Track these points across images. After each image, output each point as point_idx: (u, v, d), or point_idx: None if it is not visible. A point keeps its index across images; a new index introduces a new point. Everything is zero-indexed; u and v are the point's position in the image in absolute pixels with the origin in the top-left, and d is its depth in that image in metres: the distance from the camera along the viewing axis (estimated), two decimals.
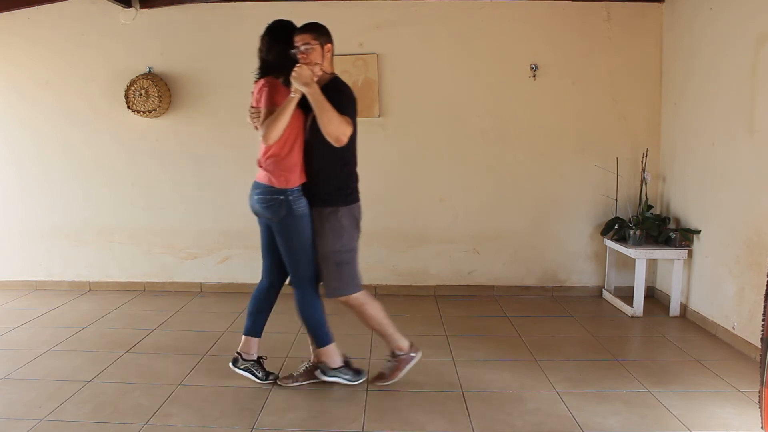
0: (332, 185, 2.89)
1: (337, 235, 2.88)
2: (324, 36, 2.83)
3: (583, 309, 4.50)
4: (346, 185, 2.92)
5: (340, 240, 2.89)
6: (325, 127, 2.71)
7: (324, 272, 2.93)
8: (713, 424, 2.69)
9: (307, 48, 2.77)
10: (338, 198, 2.89)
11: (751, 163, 3.48)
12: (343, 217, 2.89)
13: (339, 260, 2.90)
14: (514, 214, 4.81)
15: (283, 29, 2.89)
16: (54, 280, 5.07)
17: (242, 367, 3.08)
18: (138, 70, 4.75)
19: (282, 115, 2.71)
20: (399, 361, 3.07)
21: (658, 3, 4.56)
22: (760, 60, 3.39)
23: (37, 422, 2.70)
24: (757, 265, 3.38)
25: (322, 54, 2.81)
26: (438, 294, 4.85)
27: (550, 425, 2.69)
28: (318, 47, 2.79)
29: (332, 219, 2.87)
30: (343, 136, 2.73)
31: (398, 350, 3.07)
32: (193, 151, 4.87)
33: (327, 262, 2.90)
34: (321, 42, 2.80)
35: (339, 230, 2.88)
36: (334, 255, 2.89)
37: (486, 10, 4.64)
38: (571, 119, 4.70)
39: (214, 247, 4.96)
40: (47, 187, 4.99)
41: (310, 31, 2.81)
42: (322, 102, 2.70)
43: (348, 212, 2.91)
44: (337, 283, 2.92)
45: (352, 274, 2.96)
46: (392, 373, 3.06)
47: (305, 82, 2.67)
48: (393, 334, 3.07)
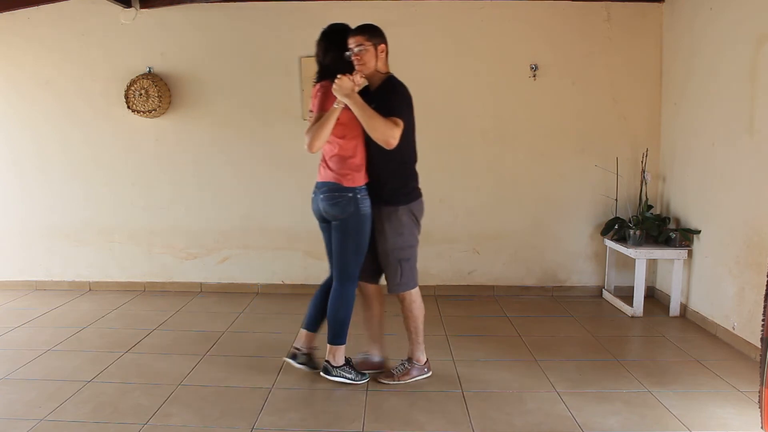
0: (393, 184, 2.97)
1: (398, 233, 2.98)
2: (377, 37, 2.88)
3: (583, 309, 4.50)
4: (405, 184, 3.02)
5: (401, 238, 2.99)
6: (372, 134, 2.79)
7: (387, 269, 3.03)
8: (713, 424, 2.69)
9: (361, 49, 2.83)
10: (399, 197, 2.97)
11: (751, 164, 3.49)
12: (403, 215, 2.97)
13: (400, 257, 3.01)
14: (514, 214, 4.81)
15: (337, 33, 2.93)
16: (54, 280, 5.07)
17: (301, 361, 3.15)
18: (138, 70, 4.75)
19: (325, 124, 2.77)
20: (412, 367, 3.14)
21: (658, 3, 4.56)
22: (760, 60, 3.39)
23: (37, 422, 2.70)
24: (757, 265, 3.38)
25: (376, 54, 2.86)
26: (438, 294, 4.85)
27: (550, 425, 2.69)
28: (371, 48, 2.84)
29: (393, 217, 2.96)
30: (391, 139, 2.76)
31: (416, 360, 3.15)
32: (193, 151, 4.87)
33: (389, 259, 3.00)
34: (374, 43, 2.85)
35: (399, 228, 2.98)
36: (395, 252, 2.99)
37: (486, 10, 4.64)
38: (571, 119, 4.70)
39: (213, 247, 4.96)
40: (47, 187, 4.99)
41: (364, 33, 2.86)
42: (363, 110, 2.76)
43: (407, 210, 2.99)
44: (399, 279, 3.02)
45: (413, 271, 3.07)
46: (401, 376, 3.11)
47: (345, 93, 2.73)
48: (421, 342, 3.15)
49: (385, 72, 2.95)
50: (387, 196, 2.95)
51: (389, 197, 2.96)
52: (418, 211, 3.05)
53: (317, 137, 2.78)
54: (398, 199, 2.97)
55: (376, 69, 2.89)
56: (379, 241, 3.00)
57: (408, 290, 3.06)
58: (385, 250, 3.00)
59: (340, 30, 2.93)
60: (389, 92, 2.89)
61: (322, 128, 2.78)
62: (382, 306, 3.25)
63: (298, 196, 4.78)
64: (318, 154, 2.99)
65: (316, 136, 2.78)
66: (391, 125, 2.77)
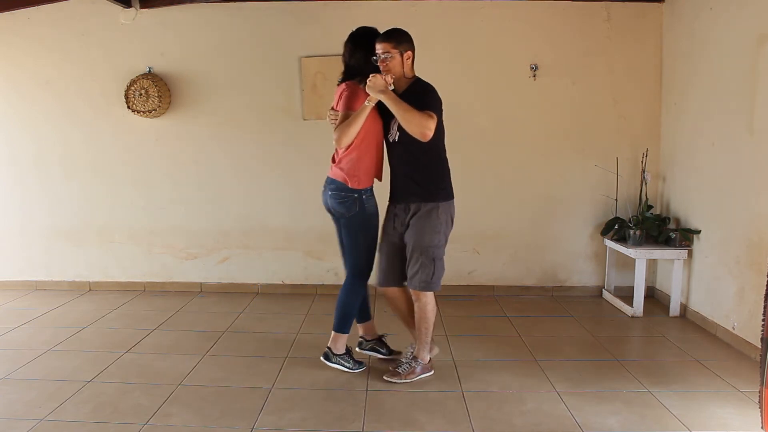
0: (431, 182, 3.04)
1: (435, 231, 3.01)
2: (404, 44, 2.96)
3: (583, 309, 4.50)
4: (442, 181, 3.08)
5: (438, 236, 3.03)
6: (408, 126, 2.85)
7: (417, 266, 3.02)
8: (713, 424, 2.69)
9: (387, 56, 2.92)
10: (437, 195, 3.04)
11: (751, 164, 3.48)
12: (442, 214, 3.03)
13: (435, 255, 3.02)
14: (514, 214, 4.81)
15: (364, 36, 3.04)
16: (54, 280, 5.07)
17: (367, 347, 3.37)
18: (138, 70, 4.75)
19: (356, 121, 2.88)
20: (417, 365, 3.16)
21: (658, 3, 4.56)
22: (760, 60, 3.39)
23: (37, 422, 2.71)
24: (757, 265, 3.38)
25: (402, 62, 2.95)
26: (438, 294, 4.83)
27: (550, 425, 2.69)
28: (397, 55, 2.93)
29: (432, 215, 3.01)
30: (427, 131, 2.82)
31: (421, 359, 3.18)
32: (193, 151, 4.87)
33: (423, 256, 3.00)
34: (401, 50, 2.94)
35: (437, 226, 3.02)
36: (430, 250, 3.01)
37: (486, 10, 4.64)
38: (571, 119, 4.70)
39: (213, 247, 4.96)
40: (47, 187, 4.99)
41: (390, 40, 2.94)
42: (398, 104, 2.85)
43: (446, 208, 3.06)
44: (429, 277, 3.02)
45: (442, 272, 3.09)
46: (406, 375, 3.13)
47: (380, 90, 2.83)
48: (428, 343, 3.19)
49: (411, 76, 3.04)
50: (425, 192, 3.02)
51: (428, 194, 3.02)
52: (453, 210, 3.13)
53: (346, 134, 2.89)
54: (438, 195, 3.04)
55: (403, 75, 2.98)
56: (414, 238, 3.02)
57: (433, 290, 3.09)
58: (421, 247, 3.01)
59: (367, 33, 3.04)
60: (420, 92, 2.96)
61: (353, 125, 2.88)
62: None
63: (298, 196, 4.79)
64: (320, 151, 3.02)
65: (345, 133, 2.89)
66: (426, 117, 2.83)
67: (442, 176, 3.10)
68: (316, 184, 3.26)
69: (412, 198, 3.04)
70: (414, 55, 3.02)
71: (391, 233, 3.14)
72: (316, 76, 4.15)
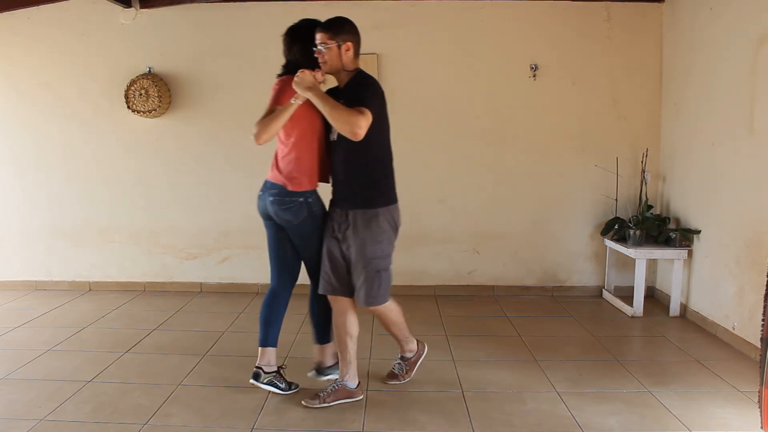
0: (369, 187, 2.76)
1: (377, 240, 2.74)
2: (343, 34, 2.70)
3: (583, 309, 4.50)
4: (382, 186, 2.80)
5: (380, 245, 2.76)
6: (336, 125, 2.64)
7: (361, 280, 2.76)
8: (713, 424, 2.69)
9: (323, 47, 2.70)
10: (376, 201, 2.75)
11: (751, 163, 3.49)
12: (383, 221, 2.75)
13: (379, 267, 2.77)
14: (514, 214, 4.81)
15: (302, 29, 2.84)
16: (54, 280, 5.07)
17: (265, 381, 2.94)
18: (138, 70, 4.75)
19: (277, 118, 2.67)
20: (410, 363, 3.14)
21: (658, 3, 4.56)
22: (760, 60, 3.39)
23: (37, 422, 2.70)
24: (757, 265, 3.38)
25: (340, 54, 2.70)
26: (438, 294, 4.85)
27: (550, 425, 2.69)
28: (334, 47, 2.69)
29: (373, 223, 2.73)
30: (357, 129, 2.55)
31: (409, 352, 3.13)
32: (193, 151, 4.87)
33: (366, 270, 2.74)
34: (338, 41, 2.69)
35: (378, 235, 2.74)
36: (374, 262, 2.74)
37: (486, 10, 4.64)
38: (571, 119, 4.70)
39: (214, 247, 4.96)
40: (47, 187, 4.99)
41: (327, 30, 2.70)
42: (325, 101, 2.62)
43: (388, 214, 2.77)
44: (375, 291, 2.78)
45: (389, 282, 2.84)
46: (405, 373, 3.12)
47: (307, 87, 2.61)
48: (407, 337, 3.11)
49: (354, 69, 2.77)
50: (363, 198, 2.75)
51: (366, 200, 2.74)
52: (397, 216, 2.83)
53: (266, 130, 2.66)
54: (377, 201, 2.75)
55: (342, 67, 2.73)
56: (356, 251, 2.75)
57: (380, 304, 2.83)
58: (362, 260, 2.73)
59: (304, 26, 2.83)
60: (358, 85, 2.72)
61: (274, 122, 2.66)
62: None
63: None
64: None
65: (265, 129, 2.66)
66: (356, 114, 2.56)
67: (383, 180, 2.80)
68: None
69: (349, 204, 2.76)
70: (357, 46, 2.75)
71: (330, 239, 2.83)
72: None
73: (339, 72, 2.76)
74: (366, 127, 2.57)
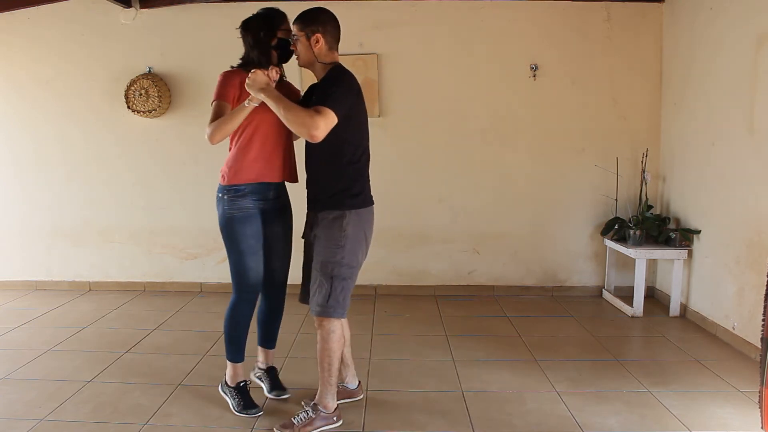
0: (335, 186, 2.55)
1: (337, 244, 2.52)
2: (312, 26, 2.53)
3: (583, 309, 4.50)
4: (351, 186, 2.56)
5: (339, 250, 2.52)
6: (292, 128, 2.45)
7: (315, 286, 2.56)
8: (713, 424, 2.69)
9: (293, 39, 2.59)
10: (344, 202, 2.54)
11: (751, 163, 3.49)
12: (348, 225, 2.52)
13: (333, 273, 2.52)
14: (514, 214, 4.80)
15: (253, 18, 2.78)
16: (54, 280, 5.07)
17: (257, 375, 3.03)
18: (138, 70, 4.75)
19: (230, 120, 2.54)
20: (317, 416, 2.61)
21: (658, 3, 4.56)
22: (760, 60, 3.39)
23: (37, 422, 2.70)
24: (757, 265, 3.38)
25: (309, 45, 2.54)
26: (438, 294, 4.85)
27: (550, 425, 2.69)
28: (303, 38, 2.54)
29: (335, 224, 2.53)
30: (314, 130, 2.35)
31: (323, 407, 2.62)
32: (193, 151, 4.87)
33: (321, 273, 2.54)
34: (307, 33, 2.53)
35: (339, 239, 2.52)
36: (329, 266, 2.52)
37: (486, 10, 4.64)
38: (571, 119, 4.70)
39: (214, 247, 4.96)
40: (47, 187, 4.99)
41: (296, 21, 2.58)
42: (279, 102, 2.45)
43: (356, 219, 2.54)
44: (324, 300, 2.52)
45: (346, 297, 2.56)
46: (303, 427, 2.57)
47: (260, 88, 2.47)
48: (333, 385, 2.63)
49: (330, 62, 2.58)
50: (328, 199, 2.56)
51: (331, 200, 2.55)
52: (367, 222, 2.60)
53: (219, 132, 2.56)
54: (342, 202, 2.53)
55: (315, 59, 2.56)
56: (315, 252, 2.58)
57: (331, 317, 2.54)
58: (320, 262, 2.54)
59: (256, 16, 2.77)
60: (329, 81, 2.52)
61: (227, 124, 2.54)
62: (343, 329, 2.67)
63: (297, 195, 4.78)
64: None
65: (218, 131, 2.56)
66: (311, 114, 2.37)
67: (355, 181, 2.57)
68: None
69: (318, 205, 2.60)
70: (329, 39, 2.56)
71: (307, 245, 2.69)
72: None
73: (313, 64, 2.59)
74: (325, 127, 2.38)
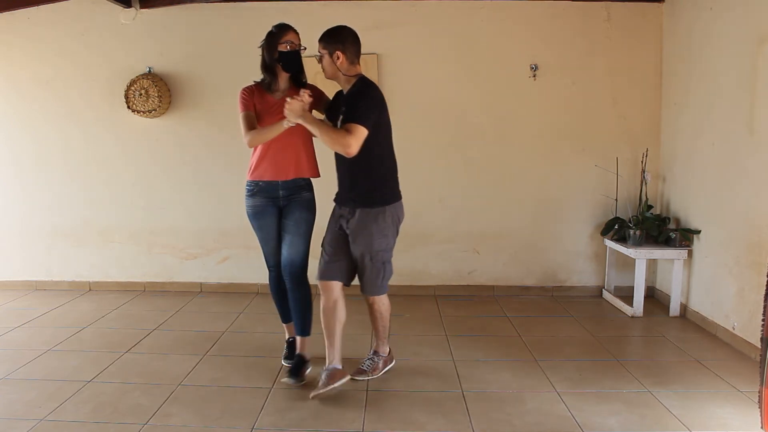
0: (375, 188, 2.97)
1: (383, 234, 2.97)
2: (333, 44, 2.89)
3: (583, 309, 4.50)
4: (387, 184, 3.01)
5: (386, 239, 2.99)
6: (329, 146, 2.84)
7: (368, 271, 3.01)
8: (713, 424, 2.69)
9: (317, 56, 2.94)
10: (383, 197, 2.98)
11: (751, 163, 3.49)
12: (388, 217, 2.97)
13: (384, 259, 3.01)
14: (514, 214, 4.81)
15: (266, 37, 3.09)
16: (54, 280, 5.07)
17: None
18: (138, 70, 4.75)
19: (268, 133, 2.94)
20: (381, 360, 3.24)
21: (658, 3, 4.56)
22: (760, 60, 3.39)
23: (37, 422, 2.70)
24: (757, 265, 3.38)
25: (332, 62, 2.89)
26: (438, 294, 4.85)
27: (550, 425, 2.69)
28: (327, 56, 2.90)
29: (380, 219, 2.95)
30: (348, 149, 2.76)
31: (382, 353, 3.26)
32: (193, 151, 4.87)
33: (373, 261, 2.99)
34: (329, 51, 2.89)
35: (385, 229, 2.97)
36: (380, 254, 3.00)
37: (486, 11, 4.64)
38: (571, 119, 4.70)
39: (214, 247, 4.96)
40: (47, 187, 4.99)
41: (320, 40, 2.94)
42: (315, 125, 2.83)
43: (392, 211, 2.99)
44: (380, 282, 3.04)
45: (391, 274, 3.08)
46: (373, 371, 3.19)
47: (298, 115, 2.79)
48: (386, 337, 3.25)
49: (354, 74, 2.95)
50: (369, 197, 2.97)
51: (372, 199, 2.97)
52: (400, 212, 3.06)
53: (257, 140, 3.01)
54: (383, 199, 2.98)
55: (340, 72, 2.92)
56: (361, 243, 2.97)
57: (383, 294, 3.10)
58: (369, 252, 2.98)
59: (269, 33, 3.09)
60: (356, 96, 2.91)
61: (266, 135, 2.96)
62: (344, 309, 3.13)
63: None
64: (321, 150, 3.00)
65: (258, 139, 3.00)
66: (343, 134, 2.77)
67: (387, 179, 3.03)
68: (316, 183, 3.25)
69: (356, 203, 2.99)
70: (349, 55, 2.91)
71: (337, 233, 3.07)
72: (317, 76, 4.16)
73: (337, 77, 2.95)
74: (357, 144, 2.77)
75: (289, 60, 3.00)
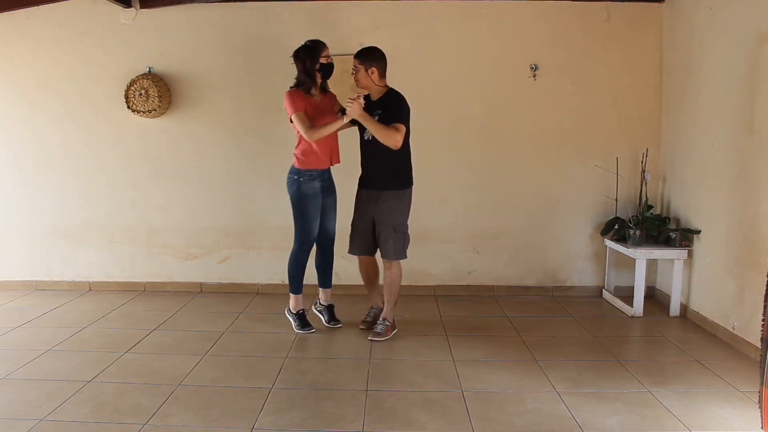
0: (401, 174, 3.76)
1: (403, 211, 3.78)
2: (368, 61, 3.63)
3: (583, 309, 4.50)
4: (409, 171, 3.80)
5: (405, 216, 3.79)
6: (382, 140, 3.55)
7: (391, 240, 3.73)
8: (713, 424, 2.69)
9: (353, 69, 3.67)
10: (408, 181, 3.80)
11: (751, 164, 3.49)
12: (407, 197, 3.79)
13: (404, 230, 3.79)
14: (514, 214, 4.81)
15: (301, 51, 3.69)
16: (54, 280, 5.07)
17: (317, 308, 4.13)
18: (138, 70, 4.75)
19: (330, 127, 3.62)
20: (390, 325, 3.80)
21: (658, 3, 4.56)
22: (760, 60, 3.39)
23: (37, 422, 2.70)
24: (757, 265, 3.38)
25: (366, 75, 3.63)
26: (438, 294, 4.85)
27: (550, 425, 2.69)
28: (362, 70, 3.63)
29: (403, 199, 3.76)
30: (396, 143, 3.55)
31: (390, 319, 3.82)
32: (193, 151, 4.87)
33: (397, 231, 3.74)
34: (365, 66, 3.62)
35: (404, 207, 3.78)
36: (402, 226, 3.77)
37: (486, 10, 4.64)
38: (571, 119, 4.70)
39: (214, 247, 4.96)
40: (47, 187, 4.99)
41: (357, 57, 3.66)
42: (371, 123, 3.56)
43: (410, 192, 3.81)
44: (402, 247, 3.77)
45: (409, 241, 3.83)
46: (386, 332, 3.76)
47: (359, 114, 3.52)
48: (394, 305, 3.86)
49: (383, 85, 3.70)
50: (396, 182, 3.74)
51: (397, 183, 3.74)
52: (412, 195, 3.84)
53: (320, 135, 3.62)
54: (406, 182, 3.78)
55: (372, 84, 3.66)
56: (389, 218, 3.73)
57: (404, 258, 3.81)
58: (394, 225, 3.73)
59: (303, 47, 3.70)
60: (393, 103, 3.64)
61: (327, 129, 3.62)
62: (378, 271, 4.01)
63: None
64: None
65: (320, 134, 3.61)
66: (394, 131, 3.54)
67: (408, 167, 3.79)
68: None
69: (386, 186, 3.73)
70: (380, 70, 3.65)
71: (365, 213, 3.80)
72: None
73: (369, 88, 3.69)
74: (402, 140, 3.58)
75: (327, 70, 3.72)
